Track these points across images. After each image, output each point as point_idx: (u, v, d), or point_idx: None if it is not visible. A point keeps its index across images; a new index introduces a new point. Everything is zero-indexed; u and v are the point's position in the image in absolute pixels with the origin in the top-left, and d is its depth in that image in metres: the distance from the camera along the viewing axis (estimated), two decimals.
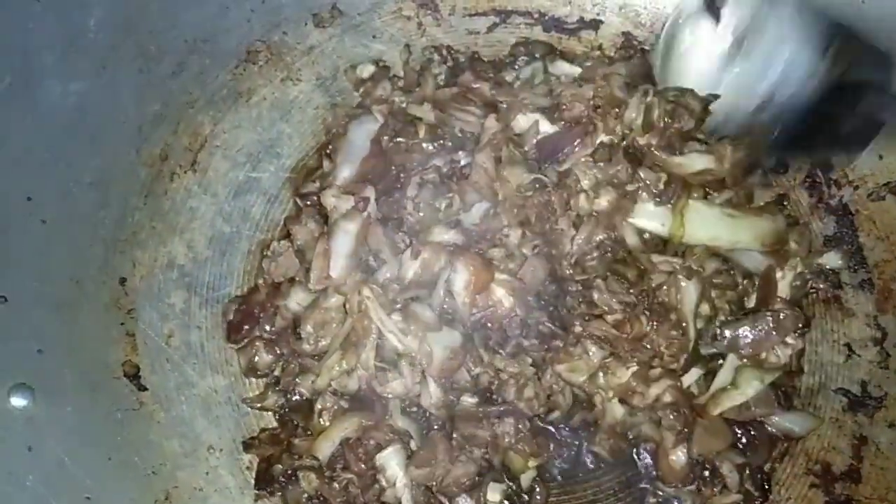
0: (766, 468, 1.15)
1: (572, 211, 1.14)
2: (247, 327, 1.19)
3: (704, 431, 1.11)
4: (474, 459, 1.08)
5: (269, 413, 1.19)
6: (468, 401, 1.10)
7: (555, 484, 1.15)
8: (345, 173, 1.21)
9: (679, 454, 1.11)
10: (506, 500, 1.10)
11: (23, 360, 0.98)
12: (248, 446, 1.17)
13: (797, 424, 1.14)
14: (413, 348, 1.07)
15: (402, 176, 1.19)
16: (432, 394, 1.09)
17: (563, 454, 1.15)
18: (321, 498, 1.10)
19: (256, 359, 1.18)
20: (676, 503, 1.14)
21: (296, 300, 1.17)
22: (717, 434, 1.11)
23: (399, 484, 1.07)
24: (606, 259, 1.13)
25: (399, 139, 1.21)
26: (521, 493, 1.12)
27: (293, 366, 1.18)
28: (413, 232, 1.15)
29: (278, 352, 1.19)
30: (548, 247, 1.13)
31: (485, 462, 1.09)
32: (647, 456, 1.15)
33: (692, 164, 1.13)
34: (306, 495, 1.10)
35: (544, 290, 1.12)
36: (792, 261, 1.16)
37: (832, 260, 1.21)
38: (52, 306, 1.03)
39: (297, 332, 1.15)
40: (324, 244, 1.14)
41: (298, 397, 1.17)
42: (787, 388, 1.16)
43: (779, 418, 1.13)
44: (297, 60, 1.28)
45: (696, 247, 1.13)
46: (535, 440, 1.09)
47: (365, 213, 1.14)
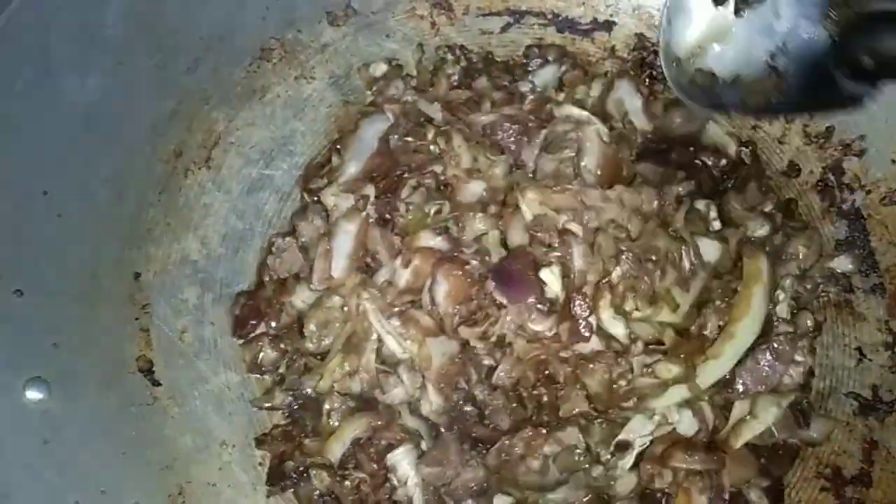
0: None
1: None
2: (252, 322, 1.19)
3: (731, 464, 1.09)
4: (485, 465, 1.07)
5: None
6: (469, 410, 1.10)
7: None
8: (351, 170, 1.21)
9: (701, 498, 1.09)
10: None
11: (39, 354, 0.98)
12: (260, 442, 1.18)
13: (816, 431, 1.14)
14: (413, 353, 1.07)
15: (405, 176, 1.19)
16: (432, 400, 1.09)
17: None
18: (333, 496, 1.11)
19: (261, 355, 1.18)
20: None
21: (300, 298, 1.17)
22: (743, 464, 1.11)
23: (410, 483, 1.08)
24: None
25: (407, 138, 1.21)
26: None
27: (298, 364, 1.18)
28: (403, 234, 1.15)
29: (283, 348, 1.19)
30: None
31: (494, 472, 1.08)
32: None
33: None
34: (318, 493, 1.11)
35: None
36: (783, 280, 1.16)
37: (843, 264, 1.21)
38: (67, 300, 1.04)
39: (302, 330, 1.16)
40: (325, 244, 1.14)
41: (305, 396, 1.16)
42: (801, 404, 1.15)
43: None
44: (311, 58, 1.28)
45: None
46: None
47: (364, 213, 1.15)
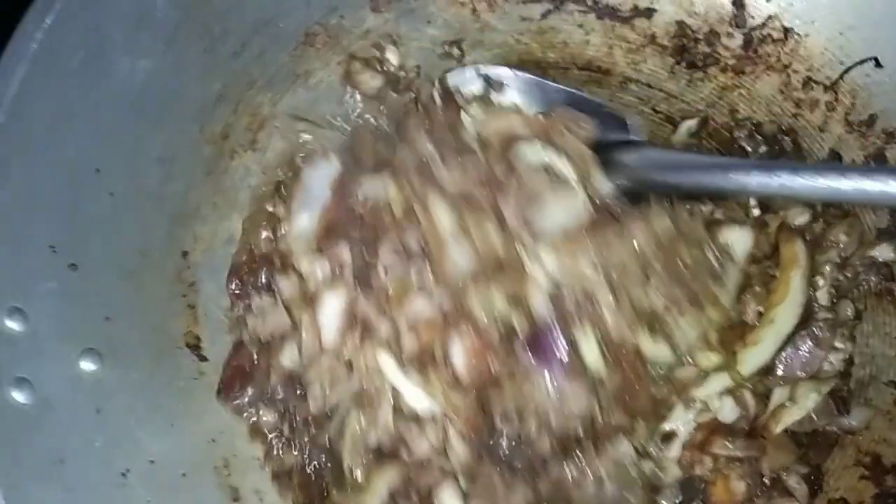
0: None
1: None
2: (239, 384, 1.13)
3: (771, 450, 1.10)
4: (534, 489, 1.04)
5: None
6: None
7: None
8: (303, 223, 1.15)
9: (739, 484, 1.10)
10: None
11: (92, 326, 1.01)
12: (276, 478, 1.12)
13: (856, 419, 1.13)
14: (437, 409, 1.03)
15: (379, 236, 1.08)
16: (459, 453, 1.05)
17: None
18: None
19: (262, 420, 1.12)
20: None
21: (289, 357, 1.12)
22: (783, 450, 1.11)
23: None
24: None
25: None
26: None
27: (301, 422, 1.12)
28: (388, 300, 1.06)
29: (281, 408, 1.12)
30: None
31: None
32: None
33: None
34: None
35: None
36: (823, 267, 1.16)
37: (885, 252, 1.19)
38: (118, 276, 1.06)
39: (296, 389, 1.11)
40: (309, 315, 1.08)
41: (318, 452, 1.10)
42: (841, 391, 1.15)
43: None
44: (354, 44, 1.29)
45: None
46: None
47: (351, 287, 1.08)
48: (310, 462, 1.12)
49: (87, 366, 0.98)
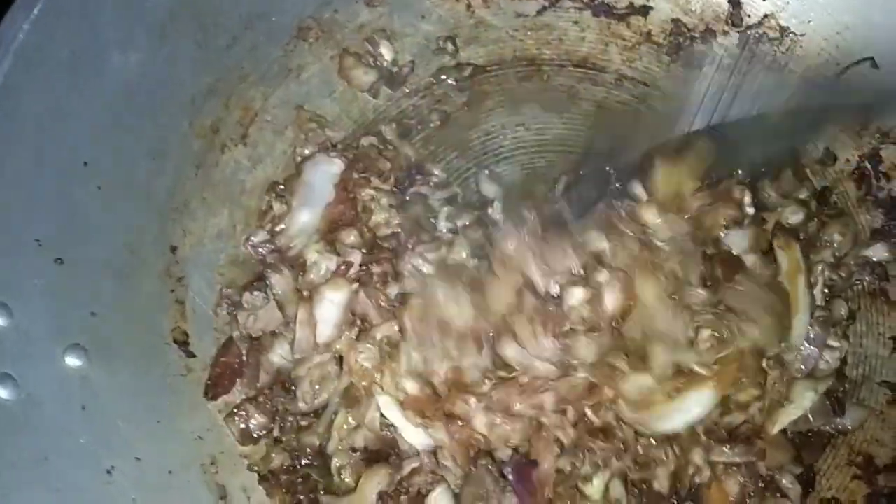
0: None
1: None
2: (227, 382, 1.13)
3: (769, 449, 1.09)
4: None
5: None
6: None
7: None
8: (304, 217, 1.16)
9: (732, 483, 1.09)
10: None
11: (78, 322, 0.99)
12: (263, 480, 1.12)
13: (849, 419, 1.13)
14: (439, 441, 1.03)
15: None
16: (451, 468, 1.05)
17: None
18: None
19: (252, 423, 1.11)
20: None
21: (279, 353, 1.12)
22: (779, 448, 1.10)
23: None
24: None
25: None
26: None
27: (290, 422, 1.12)
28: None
29: (270, 409, 1.12)
30: None
31: None
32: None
33: None
34: None
35: None
36: (817, 267, 1.15)
37: (879, 252, 1.20)
38: (106, 271, 1.05)
39: (286, 387, 1.11)
40: (306, 311, 1.08)
41: (307, 454, 1.10)
42: (837, 391, 1.14)
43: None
44: (347, 38, 1.29)
45: None
46: None
47: (352, 284, 1.09)
48: (298, 463, 1.11)
49: (72, 362, 0.97)
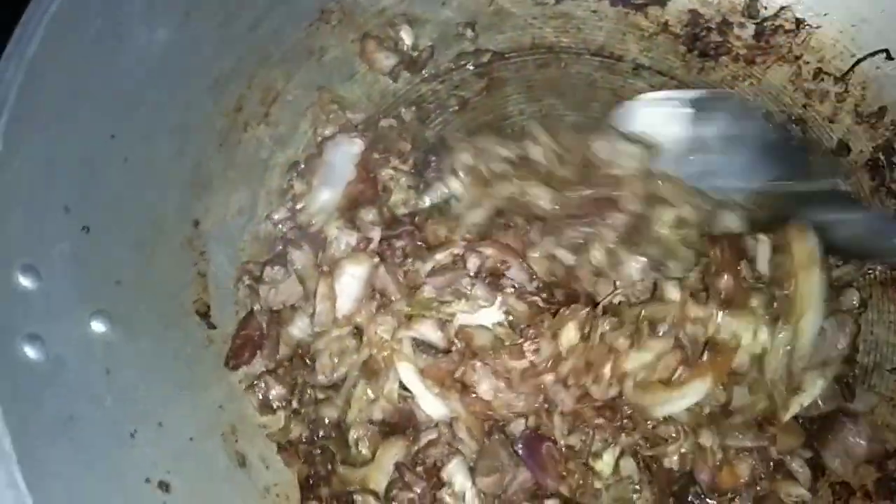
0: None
1: None
2: (247, 354, 1.15)
3: (781, 435, 1.10)
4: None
5: None
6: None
7: None
8: (324, 196, 1.19)
9: (744, 467, 1.10)
10: None
11: (102, 289, 1.01)
12: (282, 449, 1.14)
13: (861, 402, 1.14)
14: (455, 411, 1.05)
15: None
16: (467, 443, 1.07)
17: None
18: None
19: (271, 394, 1.13)
20: None
21: (299, 326, 1.14)
22: (791, 433, 1.12)
23: (469, 495, 1.05)
24: None
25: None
26: None
27: (309, 394, 1.13)
28: None
29: (290, 381, 1.14)
30: None
31: None
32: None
33: None
34: None
35: None
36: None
37: None
38: (130, 241, 1.06)
39: (306, 360, 1.13)
40: (327, 285, 1.09)
41: (325, 426, 1.12)
42: (847, 378, 1.15)
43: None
44: (369, 22, 1.30)
45: None
46: None
47: (373, 259, 1.10)
48: (316, 434, 1.13)
49: (97, 327, 0.98)
